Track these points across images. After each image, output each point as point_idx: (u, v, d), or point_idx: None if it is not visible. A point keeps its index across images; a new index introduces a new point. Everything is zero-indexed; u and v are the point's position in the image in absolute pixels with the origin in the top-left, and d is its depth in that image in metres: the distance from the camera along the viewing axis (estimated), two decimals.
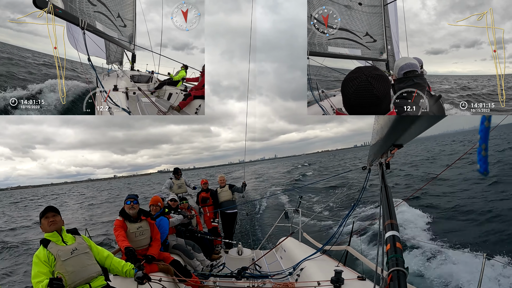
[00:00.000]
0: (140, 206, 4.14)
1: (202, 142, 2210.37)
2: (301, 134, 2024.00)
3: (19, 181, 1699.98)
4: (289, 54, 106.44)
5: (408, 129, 1.35)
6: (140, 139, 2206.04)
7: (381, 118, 1.62)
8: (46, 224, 2.73)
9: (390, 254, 1.29)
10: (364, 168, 2.69)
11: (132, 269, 3.00)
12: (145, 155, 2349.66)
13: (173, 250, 4.71)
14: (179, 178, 7.40)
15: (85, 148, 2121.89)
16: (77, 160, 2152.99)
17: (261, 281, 4.30)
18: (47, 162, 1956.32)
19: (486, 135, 0.93)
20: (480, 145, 0.94)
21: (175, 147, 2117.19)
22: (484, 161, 0.94)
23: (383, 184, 1.77)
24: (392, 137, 1.52)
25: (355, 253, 4.25)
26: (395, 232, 1.39)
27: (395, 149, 1.68)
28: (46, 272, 2.48)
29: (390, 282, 1.19)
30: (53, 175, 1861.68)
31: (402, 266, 1.23)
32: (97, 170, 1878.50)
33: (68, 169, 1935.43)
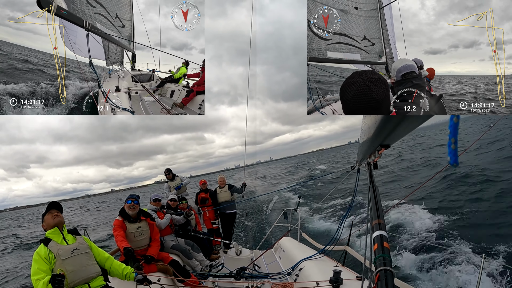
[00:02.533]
0: None
1: (196, 150, 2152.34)
2: (294, 134, 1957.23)
3: (16, 201, 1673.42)
4: (277, 56, 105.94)
5: (395, 130, 1.36)
6: (134, 151, 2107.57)
7: (368, 118, 1.63)
8: (50, 218, 2.74)
9: (377, 254, 1.30)
10: (353, 168, 2.69)
11: (132, 273, 2.99)
12: (141, 167, 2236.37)
13: (172, 250, 4.70)
14: (172, 178, 7.25)
15: (79, 164, 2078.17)
16: (73, 177, 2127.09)
17: (260, 281, 4.30)
18: (43, 181, 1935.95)
19: (455, 130, 1.00)
20: (449, 139, 1.01)
21: (170, 156, 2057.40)
22: (454, 153, 1.01)
23: (371, 184, 1.78)
24: (379, 138, 1.53)
25: (354, 253, 4.25)
26: (383, 232, 1.40)
27: (382, 149, 1.69)
28: (46, 269, 2.48)
29: (378, 282, 1.19)
30: (50, 193, 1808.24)
31: (390, 265, 1.23)
32: (94, 185, 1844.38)
33: (65, 186, 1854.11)
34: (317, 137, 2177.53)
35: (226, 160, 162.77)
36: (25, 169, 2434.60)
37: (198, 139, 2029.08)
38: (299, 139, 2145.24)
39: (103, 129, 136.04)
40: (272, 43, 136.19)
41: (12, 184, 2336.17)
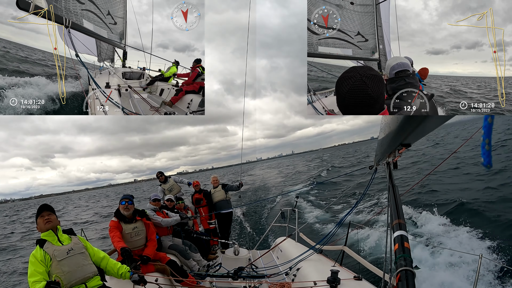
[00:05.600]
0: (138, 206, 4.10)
1: (219, 142, 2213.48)
2: (317, 128, 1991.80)
3: (40, 190, 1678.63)
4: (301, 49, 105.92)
5: (417, 129, 1.34)
6: (157, 142, 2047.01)
7: (388, 117, 1.61)
8: (42, 222, 2.71)
9: (398, 254, 1.28)
10: (371, 167, 2.66)
11: (127, 272, 2.97)
12: (163, 158, 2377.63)
13: (169, 250, 4.68)
14: (164, 181, 7.01)
15: (103, 155, 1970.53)
16: (96, 167, 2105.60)
17: (258, 281, 4.28)
18: (67, 170, 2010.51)
19: (490, 131, 0.98)
20: (483, 140, 0.99)
21: (192, 148, 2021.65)
22: (488, 154, 0.99)
23: (390, 184, 1.76)
24: (400, 136, 1.50)
25: (352, 253, 4.25)
26: (403, 232, 1.39)
27: (403, 148, 1.67)
28: (43, 271, 2.46)
29: (399, 282, 1.18)
30: (73, 183, 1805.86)
31: (411, 266, 1.22)
32: (117, 175, 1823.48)
33: (88, 176, 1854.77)
34: (340, 131, 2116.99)
35: (248, 152, 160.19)
36: (49, 158, 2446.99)
37: (221, 131, 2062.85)
38: (321, 133, 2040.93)
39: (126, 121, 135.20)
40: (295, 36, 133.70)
41: (36, 173, 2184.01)
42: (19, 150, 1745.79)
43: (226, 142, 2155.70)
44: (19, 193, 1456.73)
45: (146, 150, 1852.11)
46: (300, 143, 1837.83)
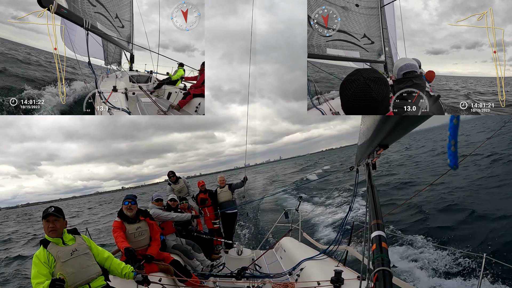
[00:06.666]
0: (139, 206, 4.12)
1: (207, 149, 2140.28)
2: (305, 134, 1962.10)
3: (27, 198, 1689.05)
4: (289, 55, 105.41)
5: (394, 130, 1.35)
6: (144, 149, 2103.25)
7: (366, 118, 1.62)
8: (46, 228, 2.66)
9: (375, 254, 1.29)
10: (352, 168, 2.69)
11: (131, 272, 2.98)
12: (151, 165, 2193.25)
13: (172, 250, 4.70)
14: (176, 181, 7.05)
15: (90, 162, 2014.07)
16: (83, 174, 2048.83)
17: (261, 281, 4.30)
18: (53, 178, 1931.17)
19: (455, 132, 0.97)
20: (449, 141, 0.98)
21: (180, 155, 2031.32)
22: (454, 155, 0.98)
23: (369, 184, 1.78)
24: (377, 138, 1.52)
25: (355, 253, 4.24)
26: (381, 232, 1.40)
27: (381, 149, 1.68)
28: (46, 273, 2.46)
29: (376, 282, 1.19)
30: (60, 191, 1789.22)
31: (388, 266, 1.23)
32: (104, 183, 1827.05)
33: (75, 184, 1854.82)
34: (327, 136, 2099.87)
35: (236, 159, 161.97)
36: (36, 166, 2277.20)
37: (209, 137, 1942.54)
38: (309, 138, 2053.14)
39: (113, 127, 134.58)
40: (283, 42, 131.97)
41: (23, 181, 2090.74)
42: (5, 157, 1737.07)
43: (214, 148, 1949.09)
44: (5, 202, 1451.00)
45: (133, 157, 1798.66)
46: (288, 148, 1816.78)
